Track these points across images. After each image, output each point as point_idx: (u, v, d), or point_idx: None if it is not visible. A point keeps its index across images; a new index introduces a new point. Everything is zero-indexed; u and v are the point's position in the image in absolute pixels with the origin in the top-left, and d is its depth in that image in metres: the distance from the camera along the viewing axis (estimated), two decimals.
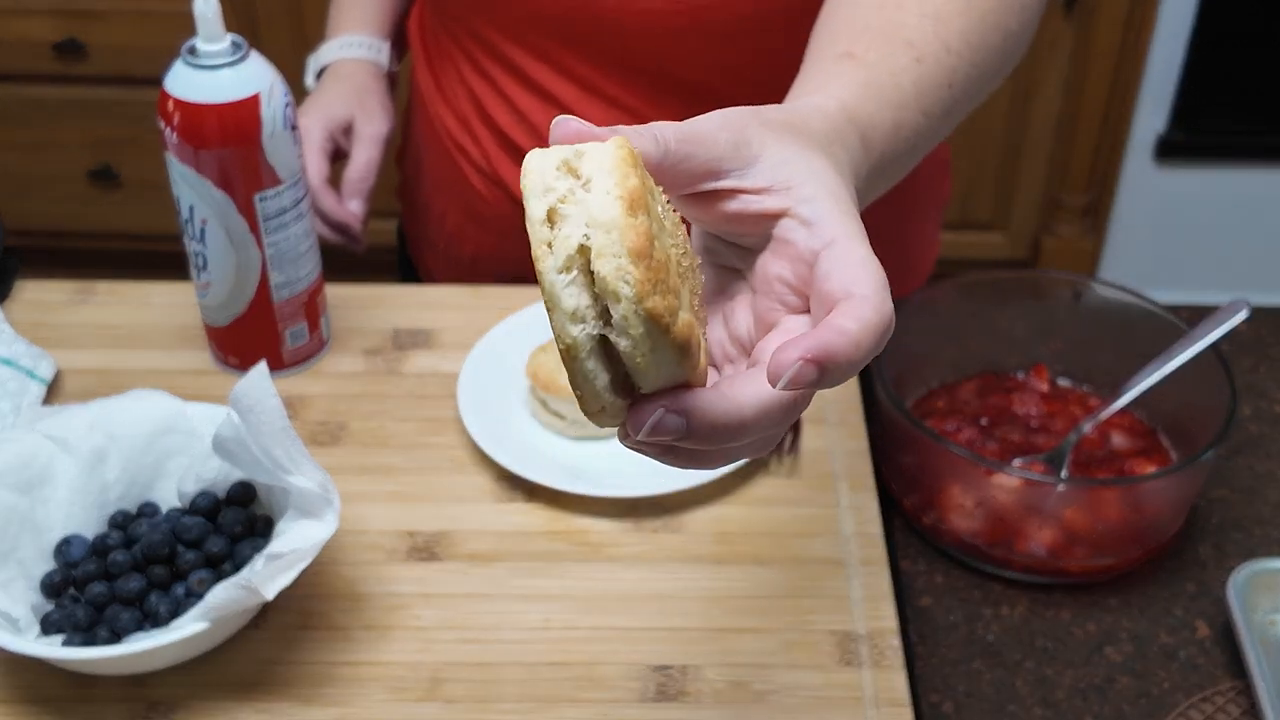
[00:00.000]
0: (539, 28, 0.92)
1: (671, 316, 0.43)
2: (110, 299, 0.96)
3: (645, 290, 0.42)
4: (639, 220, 0.43)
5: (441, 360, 0.91)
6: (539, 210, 0.43)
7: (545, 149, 0.45)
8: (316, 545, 0.67)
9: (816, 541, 0.78)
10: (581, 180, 0.43)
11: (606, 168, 0.43)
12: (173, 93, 0.78)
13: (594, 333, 0.43)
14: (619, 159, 0.43)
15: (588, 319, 0.43)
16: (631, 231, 0.42)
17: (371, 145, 1.03)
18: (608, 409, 0.45)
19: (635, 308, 0.42)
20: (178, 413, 0.77)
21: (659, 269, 0.43)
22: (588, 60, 0.92)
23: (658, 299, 0.43)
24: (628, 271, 0.42)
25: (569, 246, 0.43)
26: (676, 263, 0.46)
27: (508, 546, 0.78)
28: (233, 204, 0.81)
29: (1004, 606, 0.78)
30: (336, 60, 1.06)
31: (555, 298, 0.43)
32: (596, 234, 0.42)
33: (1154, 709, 0.72)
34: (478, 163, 1.01)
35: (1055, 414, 0.87)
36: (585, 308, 0.43)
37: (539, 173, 0.44)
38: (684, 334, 0.44)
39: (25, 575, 0.71)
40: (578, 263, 0.43)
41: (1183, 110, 2.21)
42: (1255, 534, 0.83)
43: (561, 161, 0.44)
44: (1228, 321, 0.82)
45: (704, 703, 0.69)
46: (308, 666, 0.71)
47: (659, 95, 0.93)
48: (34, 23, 2.18)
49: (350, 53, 1.06)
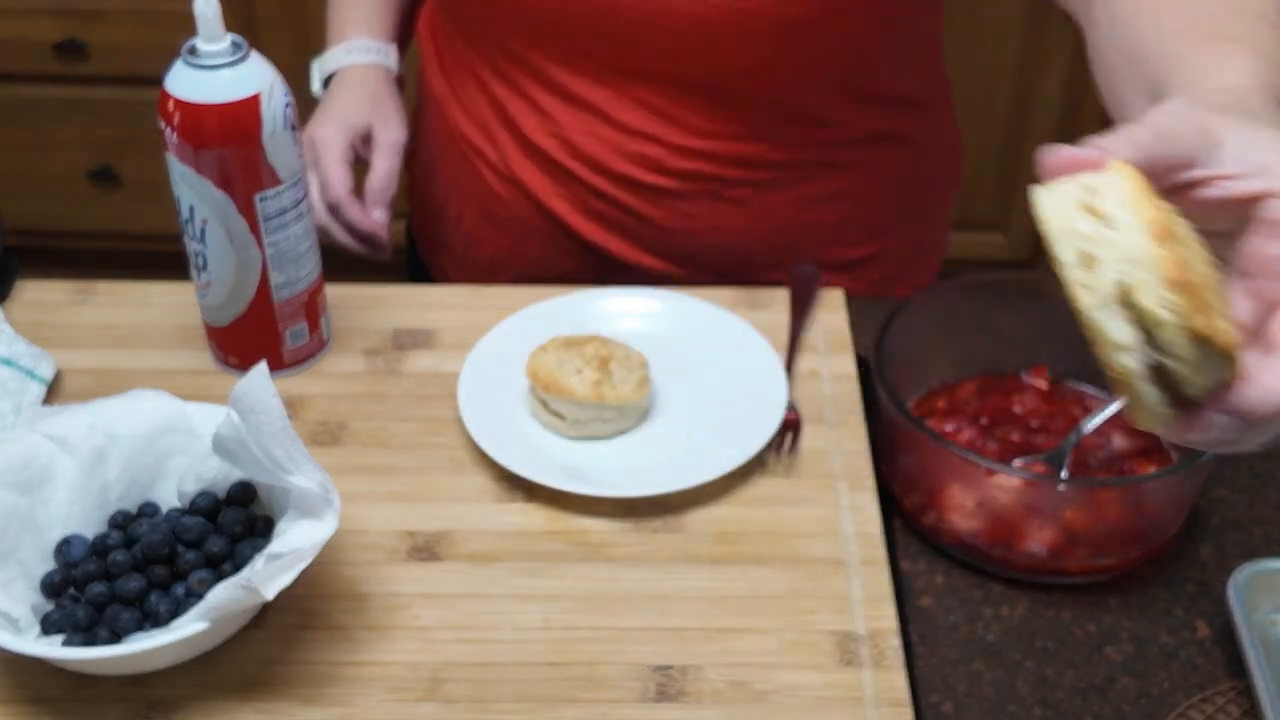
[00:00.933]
0: (571, 34, 0.92)
1: (1212, 330, 0.47)
2: (110, 299, 0.96)
3: (1188, 313, 0.46)
4: (1169, 249, 0.47)
5: (442, 360, 0.91)
6: (1069, 254, 0.48)
7: (1051, 186, 0.49)
8: (317, 545, 0.67)
9: (817, 541, 0.78)
10: (1103, 218, 0.48)
11: (1125, 203, 0.47)
12: (173, 92, 0.79)
13: (1144, 360, 0.48)
14: (1133, 191, 0.47)
15: (1135, 347, 0.48)
16: (1166, 263, 0.46)
17: (392, 153, 1.02)
18: (1159, 417, 0.50)
19: (1181, 332, 0.47)
20: (178, 413, 0.77)
21: (1195, 290, 0.47)
22: (618, 63, 0.92)
23: (1200, 319, 0.47)
24: (1169, 300, 0.46)
25: (1108, 286, 0.47)
26: (1204, 274, 0.50)
27: (508, 546, 0.78)
28: (233, 204, 0.81)
29: (1004, 607, 0.78)
30: (345, 66, 1.05)
31: (1101, 332, 0.48)
32: (1132, 270, 0.47)
33: (1154, 709, 0.72)
34: (496, 166, 1.02)
35: (1055, 414, 0.87)
36: (1131, 338, 0.48)
37: (1058, 215, 0.48)
38: (1227, 341, 0.48)
39: (25, 575, 0.71)
40: (1116, 297, 0.47)
41: None
42: (1255, 534, 0.83)
43: (1076, 202, 0.48)
44: None
45: (704, 703, 0.69)
46: (308, 666, 0.71)
47: (687, 96, 0.93)
48: (34, 23, 2.19)
49: (358, 58, 1.05)
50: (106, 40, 2.20)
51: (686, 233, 1.00)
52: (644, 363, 0.85)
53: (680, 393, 0.88)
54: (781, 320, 0.95)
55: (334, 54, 1.06)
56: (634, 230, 1.01)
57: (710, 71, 0.92)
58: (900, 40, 0.99)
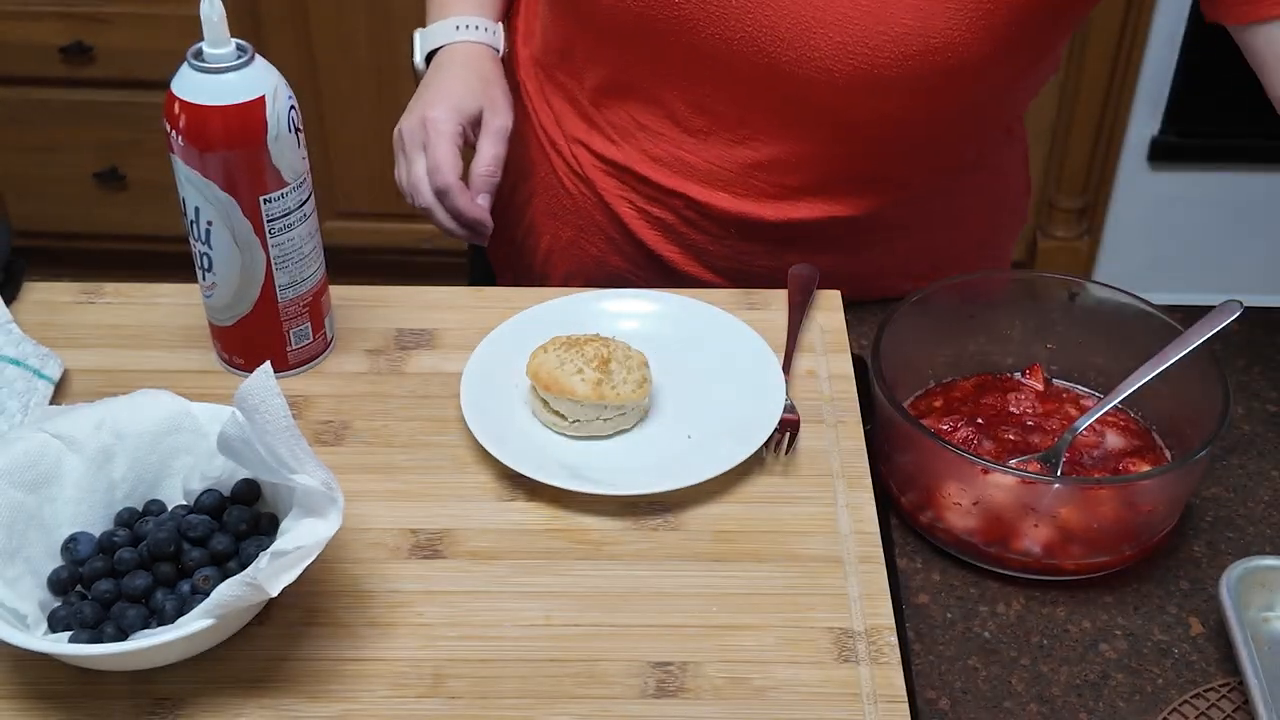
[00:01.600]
0: (689, 62, 0.92)
1: None
2: (117, 300, 0.97)
3: None
4: None
5: (444, 360, 0.92)
6: None
7: None
8: (320, 543, 0.67)
9: (815, 539, 0.79)
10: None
11: None
12: (179, 95, 0.79)
13: None
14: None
15: None
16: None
17: (500, 139, 0.99)
18: None
19: None
20: (183, 412, 0.77)
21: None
22: (743, 108, 0.93)
23: None
24: None
25: None
26: None
27: (509, 544, 0.78)
28: (238, 206, 0.82)
29: (1000, 604, 0.79)
30: (453, 43, 1.01)
31: None
32: None
33: (1148, 705, 0.73)
34: (569, 161, 1.02)
35: (1051, 413, 0.88)
36: None
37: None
38: None
39: (33, 572, 0.72)
40: None
41: (1176, 114, 2.22)
42: (1248, 532, 0.83)
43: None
44: (1221, 321, 0.82)
45: (703, 699, 0.70)
46: (312, 663, 0.72)
47: (792, 143, 0.95)
48: (41, 26, 2.19)
49: (467, 35, 1.01)
50: (112, 44, 2.20)
51: (749, 261, 1.02)
52: (644, 363, 0.86)
53: (680, 393, 0.89)
54: (780, 320, 0.95)
55: (441, 28, 1.01)
56: (696, 247, 1.02)
57: (841, 116, 0.91)
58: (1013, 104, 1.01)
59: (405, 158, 0.98)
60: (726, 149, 0.96)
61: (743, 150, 0.96)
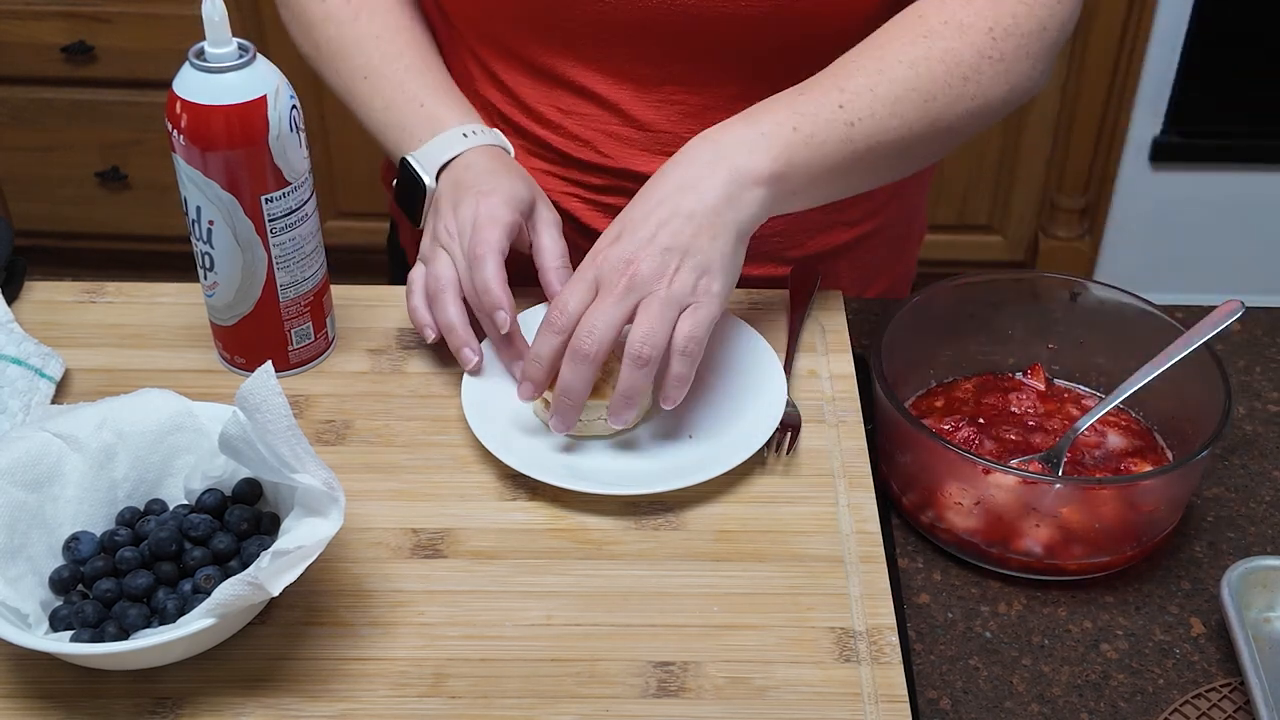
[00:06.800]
0: (600, 33, 0.92)
1: None
2: (118, 299, 0.97)
3: None
4: None
5: (445, 360, 0.92)
6: None
7: None
8: (322, 542, 0.68)
9: (816, 539, 0.79)
10: None
11: None
12: (181, 95, 0.79)
13: None
14: None
15: None
16: None
17: (559, 230, 0.93)
18: None
19: None
20: (185, 411, 0.78)
21: None
22: (637, 61, 0.94)
23: None
24: None
25: None
26: None
27: (510, 544, 0.79)
28: (239, 205, 0.82)
29: (1001, 604, 0.79)
30: (468, 149, 0.93)
31: None
32: None
33: (1149, 705, 0.73)
34: None
35: (1052, 413, 0.88)
36: None
37: None
38: None
39: (35, 571, 0.72)
40: None
41: (1177, 114, 2.22)
42: (1249, 532, 0.83)
43: None
44: (1222, 321, 0.82)
45: (704, 698, 0.70)
46: (313, 662, 0.72)
47: (709, 88, 0.95)
48: (43, 26, 2.20)
49: (479, 140, 0.95)
50: (114, 44, 2.21)
51: None
52: None
53: None
54: (781, 320, 0.95)
55: (446, 140, 0.94)
56: None
57: (736, 56, 0.92)
58: None
59: (457, 257, 0.90)
60: (655, 110, 0.96)
61: (672, 110, 0.96)
